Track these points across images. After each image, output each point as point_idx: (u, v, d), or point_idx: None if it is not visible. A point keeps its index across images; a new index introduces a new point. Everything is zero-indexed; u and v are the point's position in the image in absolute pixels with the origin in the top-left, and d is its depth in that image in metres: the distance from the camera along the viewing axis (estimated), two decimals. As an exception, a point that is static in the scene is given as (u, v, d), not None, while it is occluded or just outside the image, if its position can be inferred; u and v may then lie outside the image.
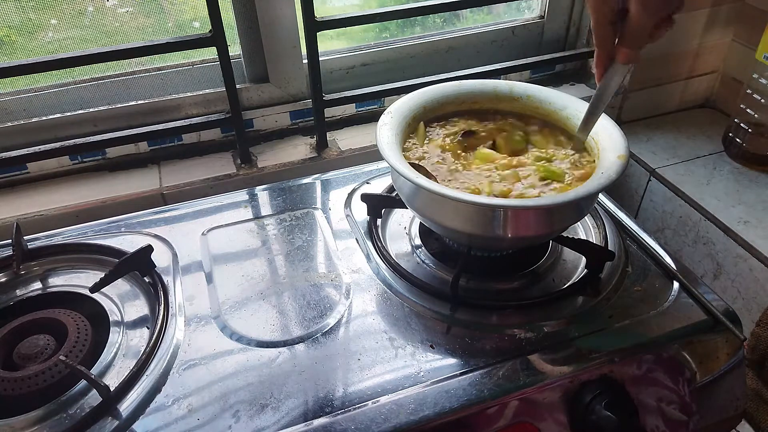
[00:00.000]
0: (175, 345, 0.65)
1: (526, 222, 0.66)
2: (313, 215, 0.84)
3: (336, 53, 1.07)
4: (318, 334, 0.66)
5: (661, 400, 0.65)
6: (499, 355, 0.63)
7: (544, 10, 1.18)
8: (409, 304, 0.69)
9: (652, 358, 0.64)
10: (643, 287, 0.71)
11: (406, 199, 0.71)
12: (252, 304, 0.70)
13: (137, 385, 0.60)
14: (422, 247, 0.78)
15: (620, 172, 0.64)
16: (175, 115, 1.00)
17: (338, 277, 0.73)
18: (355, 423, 0.56)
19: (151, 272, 0.73)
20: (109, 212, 0.88)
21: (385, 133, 0.71)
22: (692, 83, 1.21)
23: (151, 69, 0.99)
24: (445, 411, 0.57)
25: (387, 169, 0.91)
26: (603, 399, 0.60)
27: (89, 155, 0.97)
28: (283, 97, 1.04)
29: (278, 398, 0.59)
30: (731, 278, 0.95)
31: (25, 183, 0.96)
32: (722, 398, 0.68)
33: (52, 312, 0.67)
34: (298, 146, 1.04)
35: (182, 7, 1.01)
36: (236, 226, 0.82)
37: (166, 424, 0.57)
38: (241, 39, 0.99)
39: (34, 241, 0.79)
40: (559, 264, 0.75)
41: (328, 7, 1.10)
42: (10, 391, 0.59)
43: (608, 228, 0.79)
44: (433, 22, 1.16)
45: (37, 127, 0.94)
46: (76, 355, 0.63)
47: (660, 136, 1.16)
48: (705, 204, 0.98)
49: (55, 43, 0.93)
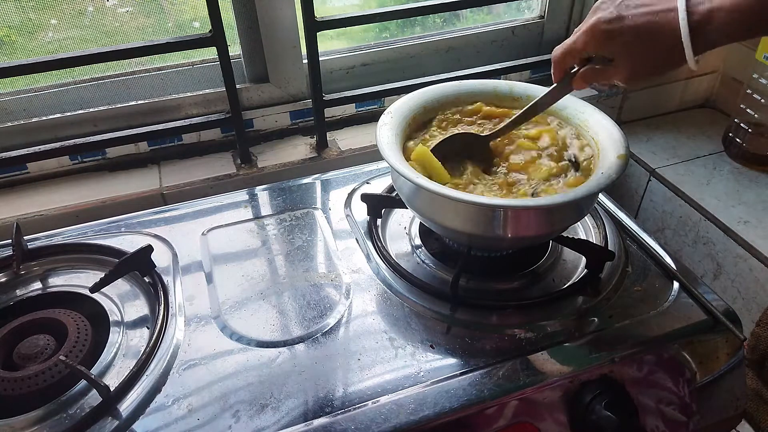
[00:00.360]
0: (175, 345, 0.65)
1: (526, 222, 0.66)
2: (313, 215, 0.84)
3: (336, 53, 1.07)
4: (318, 334, 0.66)
5: (661, 400, 0.65)
6: (499, 355, 0.63)
7: (544, 10, 1.18)
8: (409, 304, 0.69)
9: (652, 358, 0.64)
10: (643, 287, 0.71)
11: (406, 199, 0.71)
12: (252, 304, 0.70)
13: (137, 385, 0.60)
14: (422, 247, 0.78)
15: (620, 172, 0.64)
16: (175, 115, 1.00)
17: (338, 277, 0.73)
18: (355, 423, 0.56)
19: (151, 272, 0.73)
20: (109, 212, 0.88)
21: (385, 133, 0.71)
22: (692, 83, 1.21)
23: (151, 69, 0.99)
24: (445, 411, 0.57)
25: (387, 169, 0.91)
26: (603, 399, 0.60)
27: (89, 155, 0.97)
28: (283, 97, 1.04)
29: (278, 398, 0.59)
30: (731, 278, 0.95)
31: (25, 183, 0.96)
32: (722, 398, 0.68)
33: (52, 312, 0.67)
34: (298, 146, 1.04)
35: (182, 7, 1.01)
36: (236, 226, 0.82)
37: (166, 424, 0.57)
38: (241, 39, 0.99)
39: (34, 241, 0.79)
40: (559, 264, 0.75)
41: (328, 7, 1.10)
42: (10, 391, 0.59)
43: (608, 228, 0.79)
44: (433, 22, 1.16)
45: (37, 127, 0.94)
46: (76, 355, 0.63)
47: (660, 136, 1.16)
48: (705, 204, 0.98)
49: (55, 43, 0.93)
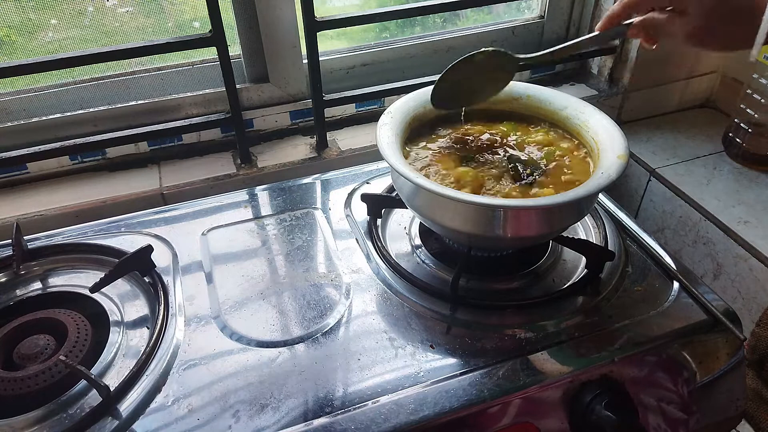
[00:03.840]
0: (175, 345, 0.65)
1: (526, 222, 0.66)
2: (313, 215, 0.84)
3: (336, 53, 1.07)
4: (318, 334, 0.66)
5: (661, 400, 0.65)
6: (499, 355, 0.63)
7: (544, 10, 1.18)
8: (409, 304, 0.69)
9: (652, 358, 0.64)
10: (643, 287, 0.71)
11: (406, 199, 0.71)
12: (252, 304, 0.70)
13: (137, 385, 0.60)
14: (422, 247, 0.78)
15: (620, 172, 0.64)
16: (175, 115, 1.00)
17: (338, 277, 0.73)
18: (355, 423, 0.56)
19: (151, 272, 0.73)
20: (109, 212, 0.88)
21: (385, 133, 0.71)
22: (692, 83, 1.21)
23: (151, 69, 0.99)
24: (445, 411, 0.57)
25: (387, 169, 0.91)
26: (603, 399, 0.60)
27: (89, 155, 0.97)
28: (283, 97, 1.04)
29: (278, 398, 0.59)
30: (731, 278, 0.94)
31: (25, 183, 0.96)
32: (722, 398, 0.68)
33: (52, 312, 0.67)
34: (298, 146, 1.04)
35: (182, 7, 1.01)
36: (236, 226, 0.82)
37: (166, 424, 0.57)
38: (241, 39, 0.99)
39: (34, 241, 0.79)
40: (559, 264, 0.75)
41: (328, 7, 1.10)
42: (10, 391, 0.59)
43: (608, 228, 0.79)
44: (433, 22, 1.16)
45: (37, 127, 0.94)
46: (76, 355, 0.63)
47: (660, 136, 1.16)
48: (705, 204, 0.98)
49: (55, 43, 0.93)
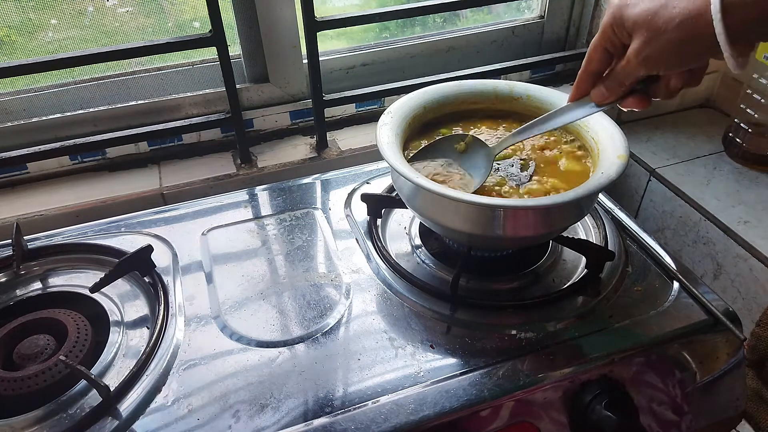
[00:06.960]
0: (175, 345, 0.65)
1: (526, 222, 0.66)
2: (313, 215, 0.84)
3: (336, 53, 1.07)
4: (318, 334, 0.66)
5: (662, 400, 0.65)
6: (499, 355, 0.63)
7: (544, 10, 1.18)
8: (409, 304, 0.69)
9: (652, 359, 0.64)
10: (643, 287, 0.71)
11: (406, 199, 0.71)
12: (252, 304, 0.70)
13: (137, 385, 0.60)
14: (422, 247, 0.78)
15: (620, 172, 0.64)
16: (175, 115, 1.00)
17: (338, 277, 0.73)
18: (355, 423, 0.56)
19: (151, 272, 0.73)
20: (109, 212, 0.88)
21: (385, 133, 0.71)
22: (692, 83, 1.21)
23: (151, 69, 0.99)
24: (445, 411, 0.57)
25: (387, 169, 0.91)
26: (603, 399, 0.60)
27: (89, 155, 0.97)
28: (283, 97, 1.04)
29: (278, 398, 0.59)
30: (731, 278, 0.94)
31: (25, 183, 0.96)
32: (722, 398, 0.68)
33: (52, 312, 0.67)
34: (298, 146, 1.04)
35: (182, 7, 1.01)
36: (236, 226, 0.82)
37: (166, 424, 0.57)
38: (241, 39, 0.99)
39: (34, 241, 0.79)
40: (559, 264, 0.75)
41: (328, 7, 1.10)
42: (10, 391, 0.59)
43: (608, 228, 0.79)
44: (433, 22, 1.16)
45: (37, 127, 0.94)
46: (76, 355, 0.63)
47: (660, 136, 1.16)
48: (705, 204, 0.98)
49: (55, 43, 0.93)
